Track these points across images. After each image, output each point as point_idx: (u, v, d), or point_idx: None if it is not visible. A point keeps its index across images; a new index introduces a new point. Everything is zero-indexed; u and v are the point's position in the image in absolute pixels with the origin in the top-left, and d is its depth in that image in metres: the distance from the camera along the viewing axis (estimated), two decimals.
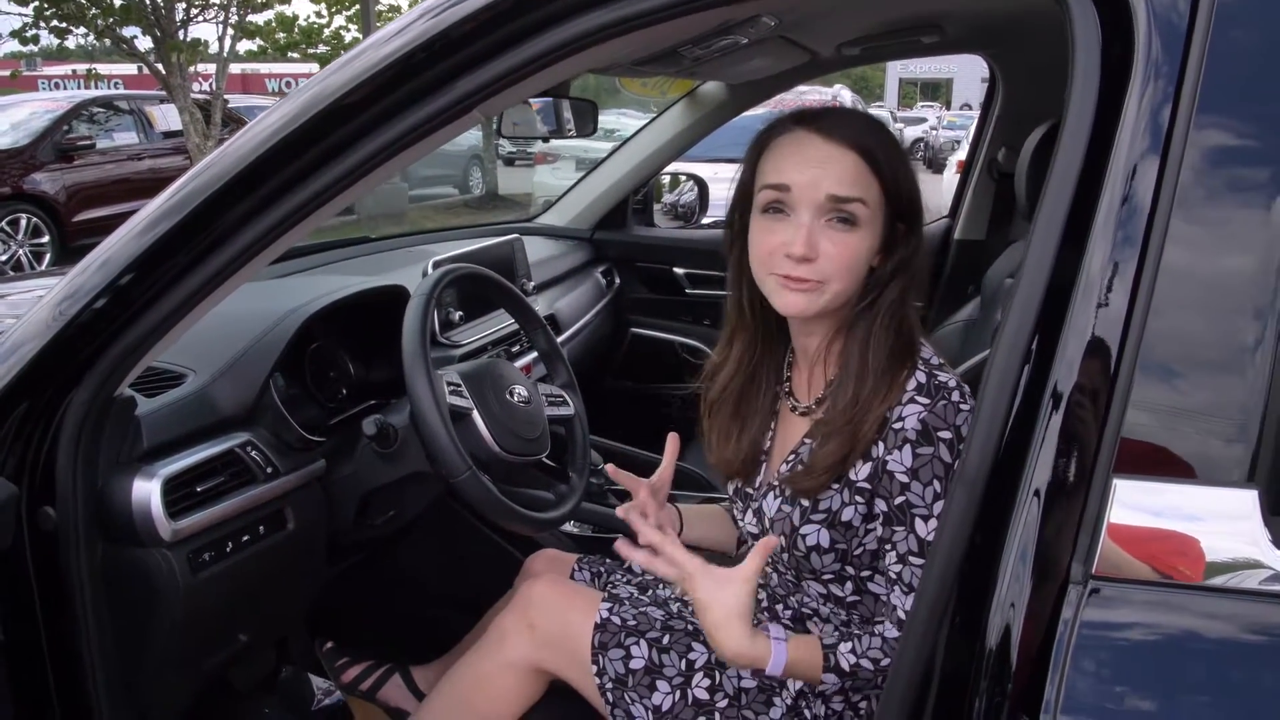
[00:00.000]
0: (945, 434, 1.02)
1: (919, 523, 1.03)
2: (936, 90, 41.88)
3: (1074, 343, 0.76)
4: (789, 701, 1.16)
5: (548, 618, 1.30)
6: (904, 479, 1.03)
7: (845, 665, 1.05)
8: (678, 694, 1.18)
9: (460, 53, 0.96)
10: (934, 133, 20.79)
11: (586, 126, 1.73)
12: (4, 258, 7.67)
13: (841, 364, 1.10)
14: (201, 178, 1.04)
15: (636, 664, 1.21)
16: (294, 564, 1.45)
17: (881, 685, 1.03)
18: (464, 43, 0.95)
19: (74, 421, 1.12)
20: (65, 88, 18.26)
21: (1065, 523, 0.74)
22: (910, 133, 22.25)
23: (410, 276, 1.78)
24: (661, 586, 1.38)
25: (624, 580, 1.41)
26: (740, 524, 1.24)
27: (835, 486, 1.08)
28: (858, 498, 1.08)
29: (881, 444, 1.04)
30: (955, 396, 1.03)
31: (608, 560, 1.47)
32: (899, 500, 1.04)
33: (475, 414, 1.38)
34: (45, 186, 8.16)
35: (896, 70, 30.54)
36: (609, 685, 1.21)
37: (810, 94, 7.90)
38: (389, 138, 0.99)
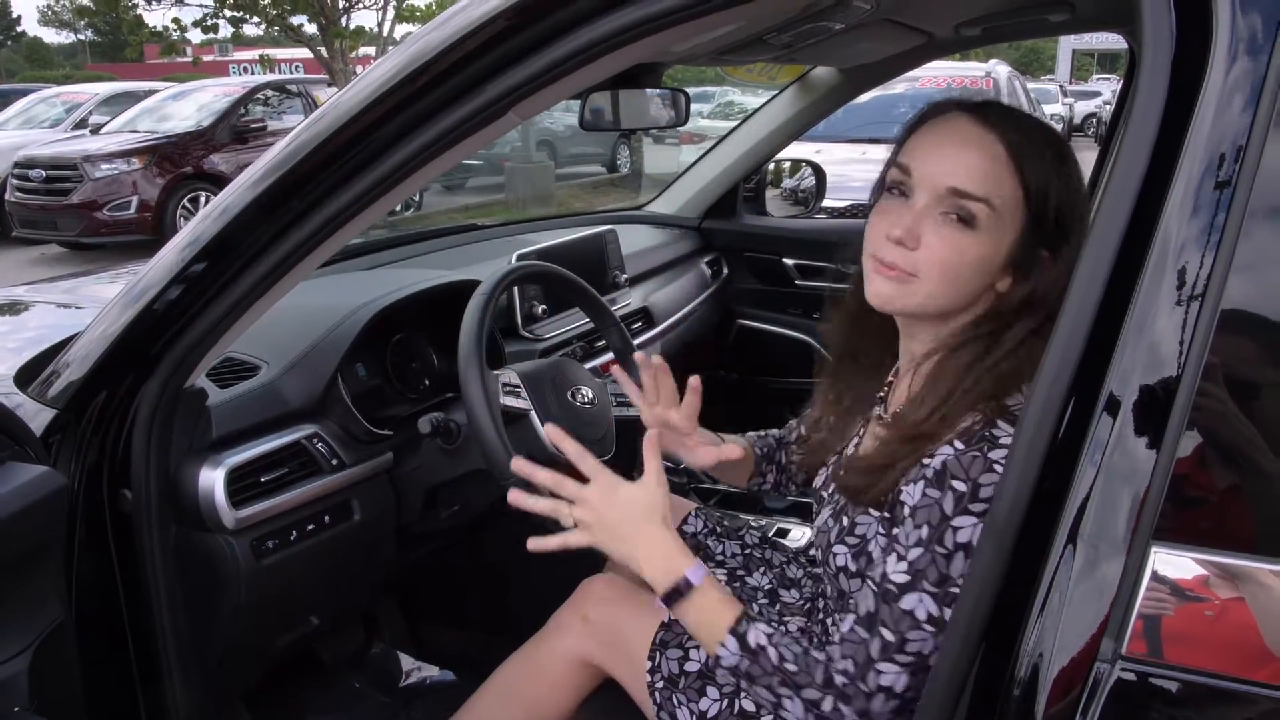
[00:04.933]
0: (959, 484, 0.92)
1: (892, 558, 0.95)
2: (1115, 61, 38.94)
3: (1118, 389, 0.67)
4: (777, 689, 1.10)
5: (603, 613, 1.31)
6: (906, 512, 0.95)
7: (752, 640, 1.00)
8: (725, 702, 1.16)
9: (489, 55, 0.93)
10: (1108, 108, 19.37)
11: (680, 118, 1.67)
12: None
13: (930, 381, 1.01)
14: (246, 188, 1.07)
15: (691, 667, 1.20)
16: (363, 553, 1.48)
17: (772, 689, 1.00)
18: (492, 45, 0.93)
19: (146, 411, 1.18)
20: (252, 72, 19.57)
21: (1097, 589, 0.66)
22: (1082, 107, 20.89)
23: (498, 268, 1.79)
24: (754, 574, 1.38)
25: (721, 554, 1.41)
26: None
27: (874, 514, 1.03)
28: (881, 529, 1.02)
29: (909, 474, 0.97)
30: (995, 454, 0.92)
31: (724, 522, 1.47)
32: (895, 531, 0.97)
33: (532, 415, 1.37)
34: (222, 166, 8.77)
35: (1070, 40, 28.64)
36: (659, 684, 1.21)
37: (960, 70, 7.52)
38: (422, 143, 0.99)
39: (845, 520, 1.06)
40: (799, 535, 1.76)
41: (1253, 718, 0.62)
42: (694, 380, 1.22)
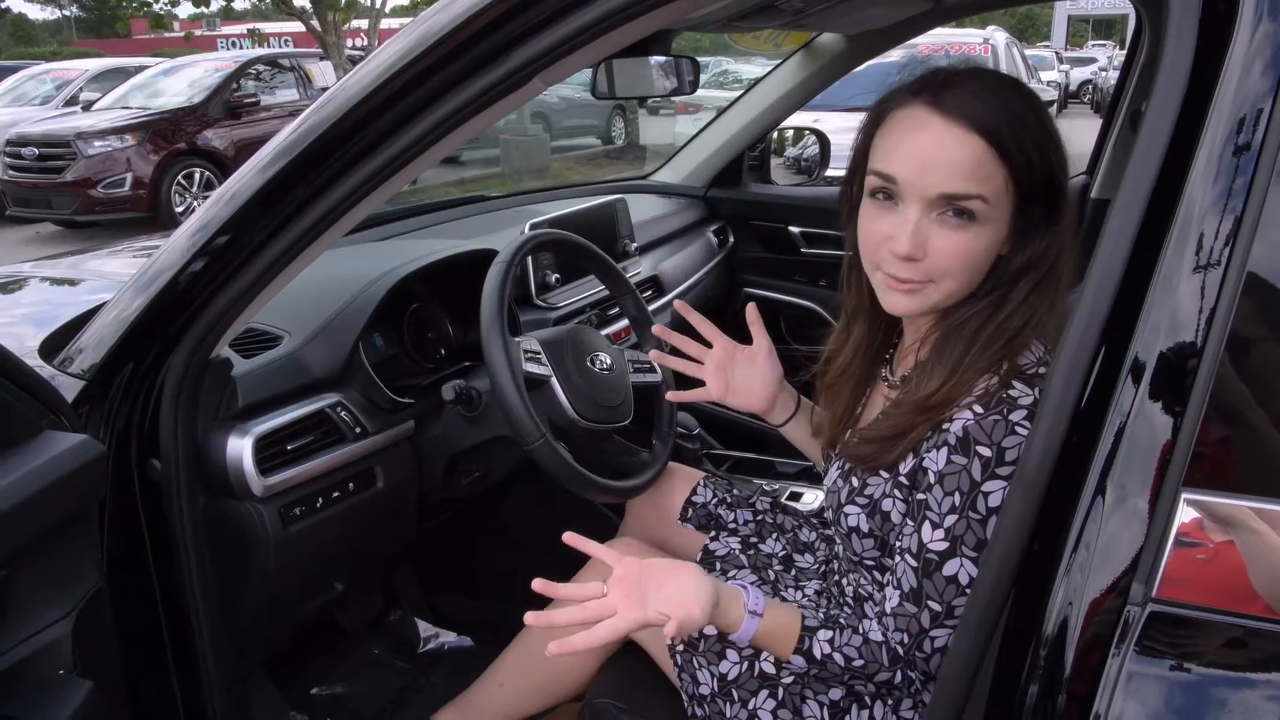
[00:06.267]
0: (984, 450, 0.93)
1: (926, 526, 0.97)
2: (1111, 27, 38.74)
3: (1148, 339, 0.69)
4: (847, 681, 1.14)
5: None
6: (932, 479, 0.97)
7: (818, 653, 1.03)
8: (745, 664, 1.18)
9: (516, 20, 0.94)
10: (1104, 74, 19.26)
11: (684, 86, 1.67)
12: (181, 210, 8.28)
13: (938, 350, 1.01)
14: (276, 154, 1.07)
15: (710, 630, 1.21)
16: (385, 520, 1.51)
17: (848, 682, 1.03)
18: (517, 11, 0.93)
19: (174, 381, 1.20)
20: (241, 46, 19.36)
21: (1127, 536, 0.68)
22: (1077, 74, 20.76)
23: (511, 238, 1.80)
24: (768, 540, 1.39)
25: (733, 523, 1.43)
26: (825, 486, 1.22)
27: (885, 475, 1.04)
28: (897, 492, 1.03)
29: (926, 441, 0.99)
30: (1015, 415, 0.93)
31: (733, 491, 1.47)
32: (920, 497, 0.99)
33: (553, 381, 1.39)
34: (216, 142, 8.71)
35: (1065, 6, 28.43)
36: (679, 647, 1.23)
37: (958, 36, 7.48)
38: (447, 111, 0.99)
39: (855, 481, 1.08)
40: (811, 499, 1.79)
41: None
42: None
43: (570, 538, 1.03)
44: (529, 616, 0.99)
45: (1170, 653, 0.66)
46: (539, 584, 0.98)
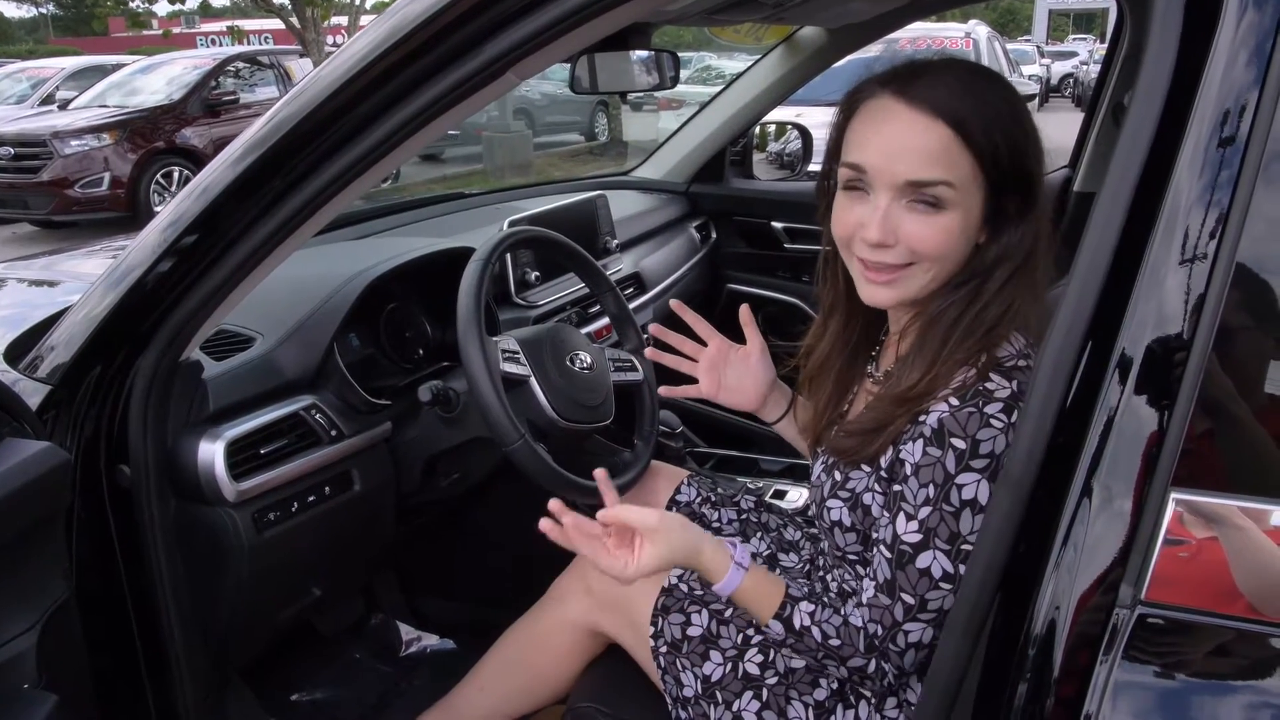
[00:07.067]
0: (958, 442, 0.92)
1: (901, 518, 0.97)
2: (1091, 21, 38.99)
3: (1135, 335, 0.67)
4: (834, 686, 1.13)
5: (605, 581, 1.31)
6: (908, 471, 0.96)
7: (797, 622, 1.04)
8: (729, 666, 1.18)
9: (488, 12, 0.92)
10: (1085, 68, 19.36)
11: (665, 81, 1.65)
12: (159, 208, 8.18)
13: (918, 343, 1.01)
14: (248, 147, 1.05)
15: (694, 631, 1.22)
16: (362, 523, 1.48)
17: (821, 659, 1.05)
18: (490, 3, 0.91)
19: (143, 385, 1.17)
20: (220, 44, 19.21)
21: (1115, 537, 0.66)
22: (1058, 68, 20.88)
23: (489, 235, 1.77)
24: (752, 539, 1.39)
25: (717, 522, 1.42)
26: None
27: (867, 469, 1.04)
28: (878, 485, 1.03)
29: (905, 433, 0.98)
30: (990, 408, 0.92)
31: (718, 489, 1.47)
32: (896, 488, 0.99)
33: (532, 381, 1.36)
34: (194, 140, 8.61)
35: (1047, 0, 28.54)
36: (663, 649, 1.23)
37: (939, 31, 7.49)
38: (420, 105, 0.97)
39: (837, 475, 1.08)
40: (796, 497, 1.77)
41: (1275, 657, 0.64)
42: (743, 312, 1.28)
43: (609, 513, 1.03)
44: (544, 524, 1.03)
45: (1159, 655, 0.65)
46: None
